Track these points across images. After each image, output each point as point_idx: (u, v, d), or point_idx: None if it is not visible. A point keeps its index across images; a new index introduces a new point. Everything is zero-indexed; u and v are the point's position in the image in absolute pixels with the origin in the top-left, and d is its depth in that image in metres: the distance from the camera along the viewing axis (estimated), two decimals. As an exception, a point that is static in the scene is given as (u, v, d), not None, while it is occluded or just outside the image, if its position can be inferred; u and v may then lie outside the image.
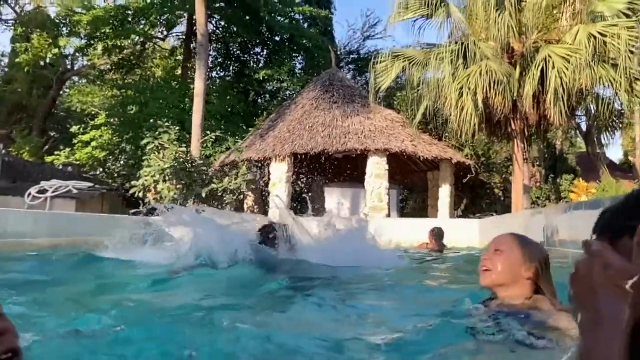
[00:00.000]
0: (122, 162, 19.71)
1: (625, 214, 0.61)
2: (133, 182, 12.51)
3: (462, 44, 10.62)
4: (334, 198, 17.63)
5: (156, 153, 12.49)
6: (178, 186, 12.08)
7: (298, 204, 14.90)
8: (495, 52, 10.33)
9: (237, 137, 15.35)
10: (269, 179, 12.57)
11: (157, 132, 12.70)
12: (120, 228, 4.95)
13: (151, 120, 14.47)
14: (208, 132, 13.81)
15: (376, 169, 11.88)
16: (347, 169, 15.57)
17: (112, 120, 19.04)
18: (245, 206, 14.33)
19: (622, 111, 11.04)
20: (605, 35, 9.29)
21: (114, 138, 18.90)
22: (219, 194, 12.35)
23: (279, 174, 12.29)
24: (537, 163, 17.59)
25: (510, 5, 9.95)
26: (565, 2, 10.40)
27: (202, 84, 14.16)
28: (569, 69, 9.32)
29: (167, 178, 12.03)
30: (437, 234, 7.17)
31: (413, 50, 11.66)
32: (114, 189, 17.91)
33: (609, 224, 0.62)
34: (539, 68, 9.71)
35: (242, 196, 13.46)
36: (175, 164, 12.03)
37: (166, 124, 12.75)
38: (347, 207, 17.68)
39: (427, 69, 11.09)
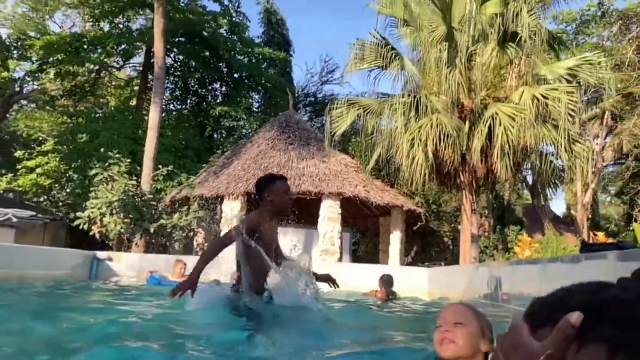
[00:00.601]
0: (68, 190, 19.02)
1: (552, 306, 0.65)
2: (78, 214, 12.05)
3: (414, 96, 11.02)
4: (287, 238, 17.55)
5: (105, 185, 12.15)
6: (125, 220, 11.73)
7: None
8: (446, 106, 10.75)
9: (190, 173, 15.14)
10: (220, 217, 12.39)
11: (107, 164, 12.40)
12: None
13: (102, 150, 14.14)
14: (160, 166, 13.57)
15: (329, 213, 11.95)
16: (301, 210, 15.58)
17: (60, 147, 18.45)
18: (194, 243, 14.02)
19: (564, 169, 11.65)
20: (548, 98, 9.86)
21: (62, 166, 18.27)
22: (168, 230, 12.06)
23: (232, 213, 12.15)
24: (486, 213, 18.16)
25: (461, 63, 10.45)
26: (512, 64, 11.01)
27: (157, 116, 14.01)
28: (515, 127, 9.80)
29: (114, 211, 11.67)
30: (387, 281, 7.20)
31: (368, 99, 11.99)
32: (57, 219, 17.18)
33: (536, 312, 0.67)
34: (487, 124, 10.16)
35: (192, 233, 13.18)
36: (124, 197, 11.71)
37: (117, 155, 12.48)
38: (299, 248, 17.63)
39: (381, 118, 11.40)
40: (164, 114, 17.79)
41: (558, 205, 29.03)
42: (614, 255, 2.94)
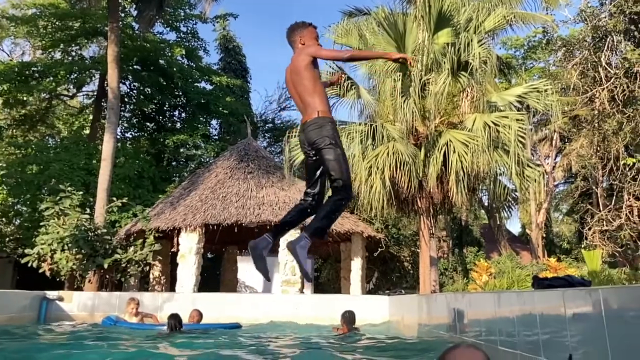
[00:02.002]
0: (16, 224, 18.23)
1: None
2: (27, 250, 11.53)
3: (371, 125, 11.17)
4: (247, 268, 17.30)
5: (56, 219, 11.71)
6: (78, 256, 11.29)
7: (208, 275, 14.42)
8: (402, 134, 10.93)
9: (146, 203, 14.77)
10: (177, 250, 12.10)
11: (58, 197, 11.98)
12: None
13: (53, 182, 13.67)
14: (115, 198, 13.20)
15: (289, 242, 11.84)
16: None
17: (8, 179, 17.71)
18: (151, 277, 13.62)
19: (517, 191, 11.99)
20: (499, 125, 10.18)
21: (9, 199, 17.52)
22: (123, 264, 11.68)
23: (189, 245, 11.88)
24: (444, 236, 18.43)
25: (415, 92, 10.68)
26: (464, 92, 11.33)
27: (111, 147, 13.68)
28: (468, 154, 10.04)
29: (66, 247, 11.23)
30: (349, 318, 7.19)
31: (326, 128, 12.06)
32: (4, 255, 16.40)
33: None
34: (442, 151, 10.38)
35: (148, 267, 12.81)
36: (76, 232, 11.30)
37: (69, 188, 12.08)
38: (261, 277, 17.40)
39: (340, 146, 11.46)
40: (119, 144, 17.40)
41: (514, 224, 29.84)
42: (562, 291, 3.01)
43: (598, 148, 17.24)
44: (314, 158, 3.36)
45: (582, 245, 16.53)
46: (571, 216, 24.72)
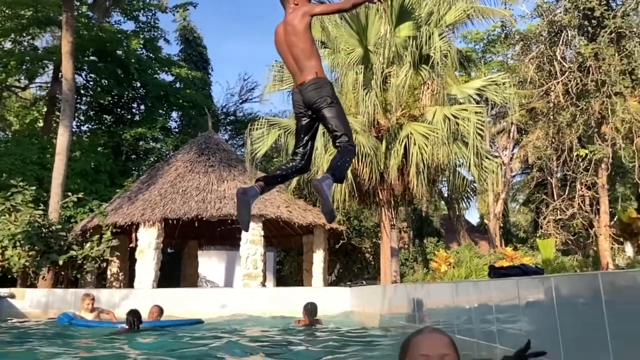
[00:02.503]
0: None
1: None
2: (-24, 248, 11.04)
3: (333, 117, 11.14)
4: (209, 262, 17.08)
5: (7, 216, 11.27)
6: (31, 253, 10.90)
7: (168, 271, 14.17)
8: (364, 126, 10.97)
9: (103, 198, 14.35)
10: (136, 245, 11.82)
11: (9, 193, 11.52)
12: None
13: (3, 178, 13.12)
14: (70, 193, 12.76)
15: (252, 235, 11.74)
16: (223, 232, 15.23)
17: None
18: (108, 273, 13.27)
19: (475, 183, 12.24)
20: (458, 118, 10.35)
21: (-43, 195, 16.72)
22: (79, 261, 11.33)
23: (148, 240, 11.62)
24: (405, 227, 18.67)
25: (377, 85, 10.73)
26: (425, 85, 11.46)
27: (66, 140, 13.22)
28: (429, 146, 10.17)
29: (18, 244, 10.82)
30: (310, 310, 7.18)
31: (289, 120, 11.99)
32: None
33: None
34: (403, 144, 10.48)
35: (105, 264, 12.47)
36: (29, 229, 10.90)
37: (21, 182, 11.64)
38: (222, 271, 17.20)
39: (302, 139, 11.40)
40: (74, 137, 16.82)
41: (473, 215, 30.55)
42: (517, 279, 3.07)
43: (553, 140, 17.76)
44: (310, 118, 3.32)
45: (538, 234, 17.05)
46: (527, 206, 25.47)
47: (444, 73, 11.27)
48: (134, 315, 6.42)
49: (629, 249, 17.54)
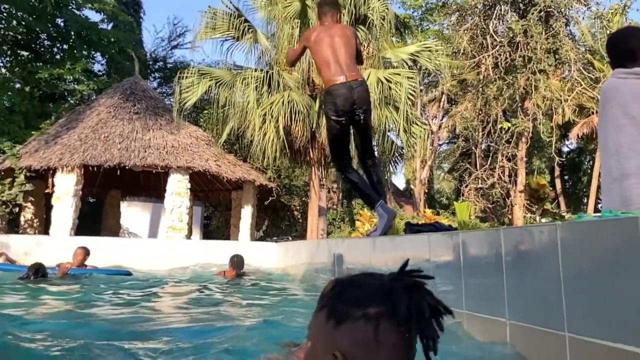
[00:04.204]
0: None
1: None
2: None
3: (267, 72, 10.92)
4: (132, 213, 16.58)
5: None
6: None
7: (88, 221, 13.61)
8: (298, 83, 10.85)
9: (17, 141, 13.38)
10: (53, 191, 11.20)
11: None
12: None
13: None
14: (-22, 133, 11.81)
15: (177, 187, 11.45)
16: (148, 184, 14.76)
17: None
18: (22, 219, 12.55)
19: (404, 147, 12.53)
20: (391, 82, 10.44)
21: None
22: (-12, 206, 10.62)
23: (66, 187, 11.03)
24: (335, 187, 18.94)
25: (313, 42, 10.56)
26: (361, 46, 11.41)
27: (-25, 75, 12.13)
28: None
29: None
30: (237, 263, 7.13)
31: (220, 71, 11.61)
32: None
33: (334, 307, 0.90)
34: (336, 103, 10.46)
35: (17, 209, 11.76)
36: None
37: None
38: (146, 223, 16.78)
39: (234, 91, 11.12)
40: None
41: (400, 179, 31.49)
42: (428, 235, 3.19)
43: (480, 111, 18.48)
44: (347, 121, 3.50)
45: (460, 201, 17.86)
46: (452, 174, 26.56)
47: (380, 36, 11.28)
48: (35, 271, 5.83)
49: (545, 220, 18.84)
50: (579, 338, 1.69)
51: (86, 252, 6.95)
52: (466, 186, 19.46)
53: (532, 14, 16.04)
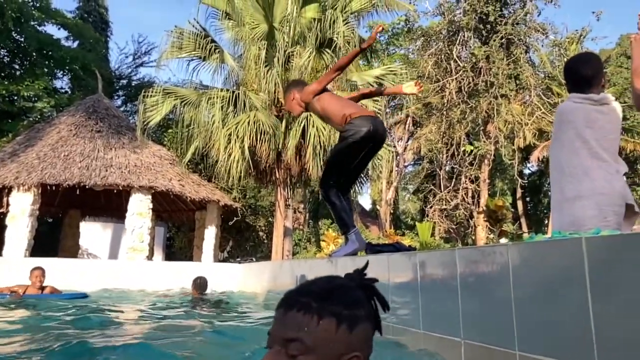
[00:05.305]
0: None
1: (299, 292, 0.96)
2: None
3: (233, 92, 10.91)
4: (92, 234, 16.12)
5: None
6: None
7: (46, 241, 13.15)
8: (265, 104, 10.86)
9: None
10: (7, 210, 10.79)
11: None
12: None
13: None
14: None
15: (139, 207, 11.20)
16: (108, 202, 14.41)
17: None
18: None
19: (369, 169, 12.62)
20: (356, 103, 10.54)
21: None
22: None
23: (22, 206, 10.65)
24: (300, 208, 18.89)
25: (279, 63, 10.63)
26: (327, 68, 11.55)
27: None
28: (327, 129, 10.30)
29: None
30: (200, 285, 6.97)
31: (186, 90, 11.53)
32: None
33: (288, 297, 0.97)
34: (302, 125, 10.51)
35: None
36: None
37: None
38: (107, 244, 16.33)
39: (200, 111, 11.05)
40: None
41: (366, 200, 31.72)
42: (388, 255, 3.19)
43: (444, 134, 18.86)
44: (374, 150, 3.82)
45: (424, 222, 18.03)
46: (417, 195, 26.88)
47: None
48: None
49: (503, 240, 19.20)
50: (528, 356, 1.71)
51: (43, 271, 6.67)
52: (431, 207, 19.74)
53: (494, 40, 16.59)
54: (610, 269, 1.43)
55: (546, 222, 25.33)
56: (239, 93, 10.82)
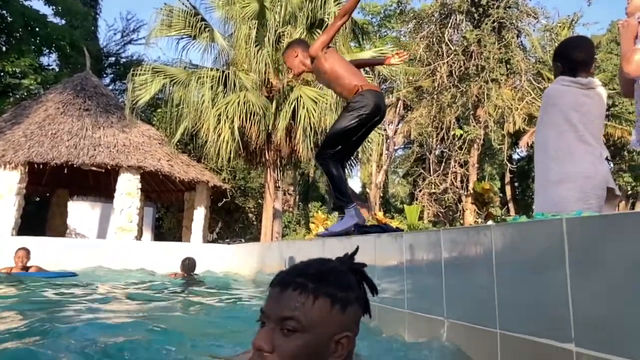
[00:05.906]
0: None
1: (294, 273, 1.03)
2: None
3: (223, 71, 10.81)
4: (80, 213, 16.04)
5: None
6: None
7: (33, 221, 13.07)
8: (255, 84, 10.78)
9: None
10: (-6, 189, 10.67)
11: None
12: None
13: None
14: None
15: (128, 187, 11.14)
16: (98, 183, 14.31)
17: None
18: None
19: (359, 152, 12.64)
20: (347, 86, 10.50)
21: None
22: None
23: (9, 185, 10.55)
24: (290, 190, 18.90)
25: (269, 43, 10.54)
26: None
27: None
28: (317, 111, 10.27)
29: None
30: (188, 266, 6.98)
31: (175, 69, 11.41)
32: None
33: (283, 277, 1.04)
34: (292, 106, 10.47)
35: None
36: None
37: None
38: (95, 224, 16.26)
39: (189, 90, 10.95)
40: None
41: (355, 183, 31.81)
42: (375, 235, 3.22)
43: (434, 118, 18.88)
44: (376, 125, 3.80)
45: (413, 205, 18.12)
46: (406, 179, 27.00)
47: (337, 40, 11.35)
48: None
49: (490, 223, 19.35)
50: (509, 334, 1.74)
51: (28, 252, 6.65)
52: (420, 191, 19.84)
53: (486, 24, 16.54)
54: (589, 249, 1.46)
55: (534, 206, 25.57)
56: (229, 73, 10.73)
